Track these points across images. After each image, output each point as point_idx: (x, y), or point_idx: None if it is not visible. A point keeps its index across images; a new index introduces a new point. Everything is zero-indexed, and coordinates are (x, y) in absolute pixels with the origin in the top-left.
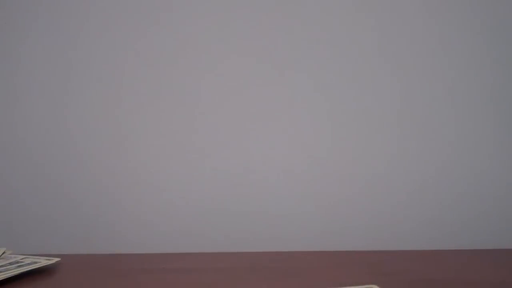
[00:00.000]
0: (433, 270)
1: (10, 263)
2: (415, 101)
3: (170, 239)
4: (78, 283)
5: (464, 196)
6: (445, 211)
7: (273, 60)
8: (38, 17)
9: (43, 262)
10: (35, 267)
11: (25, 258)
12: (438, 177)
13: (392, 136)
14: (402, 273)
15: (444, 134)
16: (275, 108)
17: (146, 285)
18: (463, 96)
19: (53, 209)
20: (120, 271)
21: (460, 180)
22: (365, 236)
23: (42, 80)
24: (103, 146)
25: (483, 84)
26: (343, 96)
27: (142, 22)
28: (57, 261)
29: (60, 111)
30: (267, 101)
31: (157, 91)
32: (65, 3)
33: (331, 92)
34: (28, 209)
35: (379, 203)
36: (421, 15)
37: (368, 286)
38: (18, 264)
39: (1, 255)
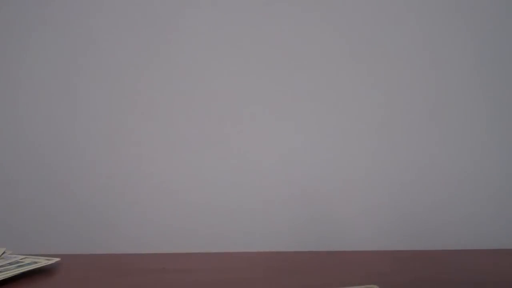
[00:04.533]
0: (433, 270)
1: (10, 263)
2: (415, 101)
3: (170, 239)
4: (78, 283)
5: (464, 196)
6: (445, 211)
7: (274, 60)
8: (40, 18)
9: (43, 262)
10: (35, 267)
11: (25, 258)
12: (438, 177)
13: (392, 136)
14: (402, 273)
15: (444, 134)
16: (275, 108)
17: (146, 285)
18: (463, 96)
19: (53, 209)
20: (120, 271)
21: (460, 180)
22: (365, 236)
23: (44, 80)
24: (103, 146)
25: (483, 84)
26: (343, 96)
27: (143, 23)
28: (57, 261)
29: (60, 111)
30: (267, 101)
31: (158, 91)
32: (67, 4)
33: (330, 92)
34: (28, 209)
35: (379, 203)
36: (418, 14)
37: (368, 286)
38: (18, 264)
39: (1, 255)
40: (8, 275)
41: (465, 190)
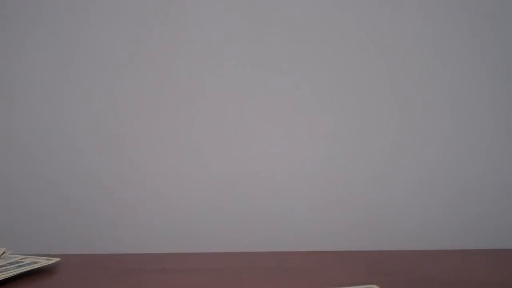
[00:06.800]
0: (433, 270)
1: (10, 263)
2: (415, 101)
3: (170, 239)
4: (78, 283)
5: (464, 196)
6: (445, 211)
7: (274, 61)
8: (38, 17)
9: (43, 262)
10: (35, 267)
11: (25, 258)
12: (438, 177)
13: (391, 136)
14: (402, 273)
15: (444, 134)
16: (275, 108)
17: (146, 285)
18: (462, 96)
19: (53, 209)
20: (120, 271)
21: (460, 180)
22: (365, 236)
23: (43, 80)
24: (103, 146)
25: (482, 84)
26: (343, 96)
27: (142, 23)
28: (57, 261)
29: (60, 111)
30: (267, 101)
31: (157, 91)
32: (66, 3)
33: (330, 92)
34: (28, 209)
35: (379, 203)
36: (419, 14)
37: (368, 286)
38: (18, 264)
39: (1, 255)
40: (8, 275)
41: (465, 190)
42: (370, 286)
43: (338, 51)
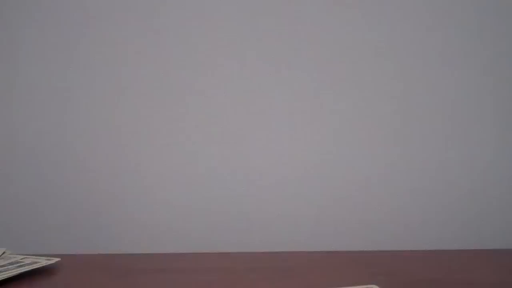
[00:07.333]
0: (433, 270)
1: (10, 263)
2: (415, 101)
3: (170, 239)
4: (78, 283)
5: (464, 196)
6: (445, 211)
7: (273, 61)
8: (37, 17)
9: (43, 262)
10: (35, 267)
11: (25, 258)
12: (438, 177)
13: (391, 136)
14: (402, 273)
15: (444, 134)
16: (275, 109)
17: (146, 285)
18: (463, 96)
19: (53, 209)
20: (120, 271)
21: (460, 180)
22: (365, 236)
23: (42, 79)
24: (103, 146)
25: (483, 84)
26: (342, 97)
27: (142, 23)
28: (57, 261)
29: (59, 111)
30: (267, 102)
31: (157, 92)
32: (65, 3)
33: (330, 93)
34: (28, 209)
35: (379, 203)
36: (421, 14)
37: (368, 286)
38: (18, 264)
39: (1, 255)
40: (8, 275)
41: (465, 190)
42: (370, 286)
43: (339, 51)
